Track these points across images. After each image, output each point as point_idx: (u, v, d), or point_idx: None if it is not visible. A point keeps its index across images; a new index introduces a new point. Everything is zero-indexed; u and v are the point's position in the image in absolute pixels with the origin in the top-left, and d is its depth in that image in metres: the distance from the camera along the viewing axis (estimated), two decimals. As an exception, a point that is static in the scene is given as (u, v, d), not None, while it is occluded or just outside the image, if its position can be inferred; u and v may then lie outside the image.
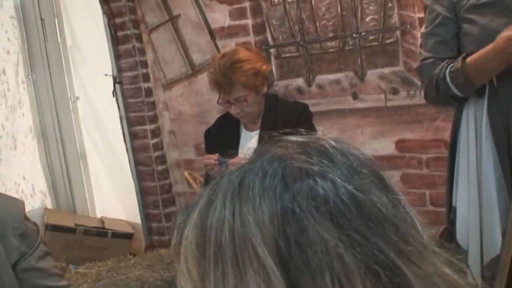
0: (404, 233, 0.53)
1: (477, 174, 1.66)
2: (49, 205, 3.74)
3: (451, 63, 1.67)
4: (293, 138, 0.59)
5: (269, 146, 0.59)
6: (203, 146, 2.86)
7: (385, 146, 2.74)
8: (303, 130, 0.63)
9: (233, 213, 0.54)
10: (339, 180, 0.54)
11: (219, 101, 2.33)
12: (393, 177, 2.68)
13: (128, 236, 3.53)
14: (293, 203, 0.52)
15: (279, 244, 0.51)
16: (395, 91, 2.70)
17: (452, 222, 1.74)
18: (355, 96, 2.81)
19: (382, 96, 2.75)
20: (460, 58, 1.65)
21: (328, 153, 0.56)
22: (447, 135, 1.84)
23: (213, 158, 2.27)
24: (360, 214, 0.52)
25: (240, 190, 0.55)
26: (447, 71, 1.66)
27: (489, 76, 1.62)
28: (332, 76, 2.85)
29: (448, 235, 1.71)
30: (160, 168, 3.41)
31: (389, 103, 2.73)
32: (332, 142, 0.58)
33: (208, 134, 2.56)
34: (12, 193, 3.25)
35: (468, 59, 1.63)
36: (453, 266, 0.56)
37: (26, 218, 1.47)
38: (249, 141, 2.45)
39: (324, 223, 0.52)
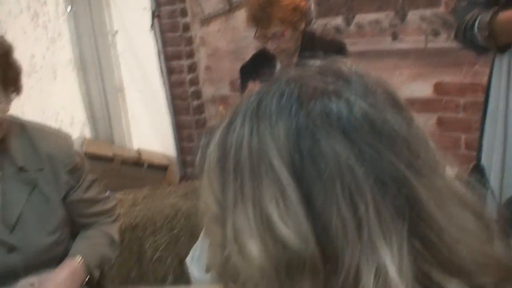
0: (415, 149, 0.55)
1: (504, 118, 1.68)
2: (88, 134, 3.84)
3: (482, 13, 1.64)
4: (311, 61, 0.62)
5: (287, 70, 0.61)
6: (238, 82, 2.89)
7: (423, 89, 2.71)
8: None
9: (251, 130, 0.57)
10: (353, 99, 0.56)
11: (256, 35, 2.33)
12: (430, 120, 2.67)
13: (163, 168, 3.62)
14: (308, 120, 0.55)
15: (294, 157, 0.54)
16: (435, 33, 2.64)
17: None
18: (394, 37, 2.76)
19: (423, 37, 2.70)
20: (491, 12, 1.62)
21: (344, 74, 0.58)
22: (485, 80, 1.83)
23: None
24: (372, 130, 0.54)
25: (258, 109, 0.58)
26: (476, 21, 1.64)
27: None
28: (372, 16, 2.80)
29: (478, 172, 1.74)
30: (195, 103, 3.45)
31: (429, 45, 2.68)
32: (348, 64, 0.60)
33: (243, 70, 2.58)
34: (51, 122, 3.35)
35: (500, 16, 1.60)
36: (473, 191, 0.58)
37: (74, 152, 1.51)
38: (285, 78, 2.45)
39: (337, 137, 0.54)
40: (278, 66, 2.47)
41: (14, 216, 1.38)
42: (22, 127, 1.45)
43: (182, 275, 2.72)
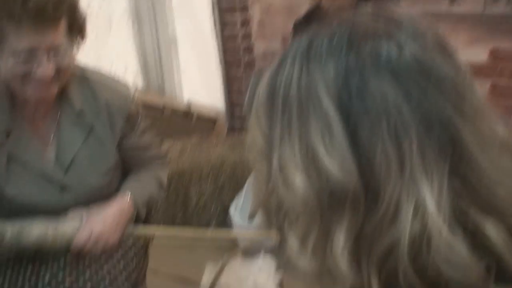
0: (462, 92, 0.56)
1: None
2: (140, 84, 3.92)
3: None
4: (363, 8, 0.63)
5: (338, 14, 0.62)
6: (290, 38, 2.89)
7: (478, 54, 2.65)
8: None
9: (301, 69, 0.59)
10: (404, 41, 0.57)
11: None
12: (483, 86, 2.62)
13: (212, 120, 3.67)
14: (357, 60, 0.56)
15: (342, 94, 0.56)
16: (495, -1, 2.57)
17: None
18: (452, 0, 2.70)
19: (481, 2, 2.63)
20: None
21: (395, 17, 0.59)
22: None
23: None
24: (421, 71, 0.55)
25: (308, 50, 0.59)
26: None
27: None
28: (431, -22, 2.74)
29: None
30: (247, 57, 3.47)
31: (488, 11, 2.61)
32: (401, 10, 0.61)
33: (297, 26, 2.57)
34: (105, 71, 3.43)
35: None
36: None
37: (131, 100, 1.53)
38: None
39: (385, 78, 0.55)
40: (332, 22, 2.46)
41: (69, 157, 1.42)
42: (83, 73, 1.47)
43: (225, 223, 2.80)
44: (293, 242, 0.59)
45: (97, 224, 1.41)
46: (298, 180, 0.56)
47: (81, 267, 1.39)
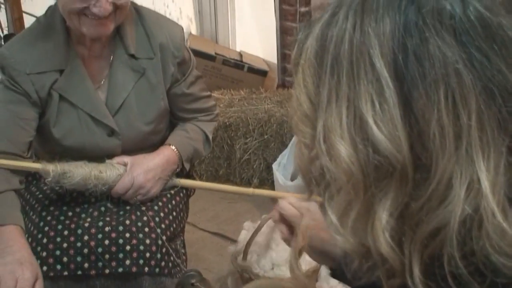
0: None
1: None
2: (193, 31, 3.88)
3: None
4: None
5: None
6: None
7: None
8: None
9: (354, 24, 0.54)
10: None
11: None
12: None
13: (263, 73, 3.61)
14: (417, 16, 0.51)
15: (397, 56, 0.51)
16: None
17: None
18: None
19: None
20: None
21: None
22: None
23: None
24: (485, 34, 0.50)
25: (364, 3, 0.54)
26: None
27: None
28: None
29: None
30: (303, 9, 3.35)
31: None
32: None
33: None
34: (161, 15, 3.40)
35: None
36: None
37: (185, 45, 1.50)
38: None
39: (446, 39, 0.50)
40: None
41: (119, 100, 1.42)
42: (139, 14, 1.45)
43: (267, 179, 2.78)
44: (332, 216, 0.56)
45: (140, 175, 1.42)
46: (343, 150, 0.52)
47: (121, 216, 1.40)
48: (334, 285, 1.95)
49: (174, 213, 1.50)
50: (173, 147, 1.49)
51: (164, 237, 1.40)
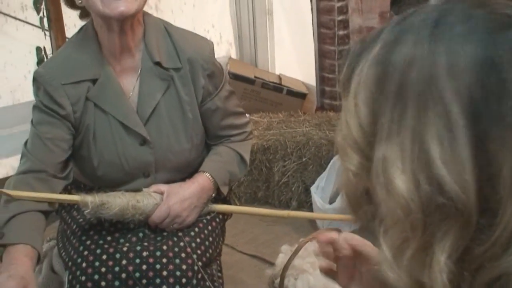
0: None
1: None
2: (233, 55, 3.93)
3: None
4: None
5: None
6: (388, 15, 2.75)
7: None
8: None
9: (425, 51, 0.50)
10: None
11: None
12: None
13: (302, 96, 3.63)
14: (496, 52, 0.48)
15: (473, 92, 0.47)
16: None
17: None
18: None
19: None
20: None
21: None
22: None
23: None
24: None
25: (436, 28, 0.51)
26: None
27: None
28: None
29: None
30: (341, 32, 3.36)
31: None
32: None
33: (395, 1, 2.44)
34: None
35: None
36: None
37: (214, 59, 1.52)
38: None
39: None
40: None
41: (149, 108, 1.44)
42: (166, 28, 1.48)
43: (306, 202, 2.77)
44: (387, 251, 0.52)
45: (176, 204, 1.44)
46: (403, 185, 0.49)
47: (158, 242, 1.42)
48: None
49: (211, 239, 1.51)
50: (207, 174, 1.50)
51: (200, 263, 1.41)
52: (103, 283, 1.36)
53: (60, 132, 1.41)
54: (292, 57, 3.86)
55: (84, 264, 1.38)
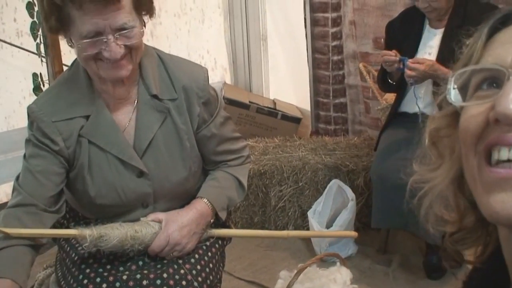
0: None
1: None
2: (228, 80, 3.96)
3: None
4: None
5: None
6: (382, 40, 2.78)
7: None
8: None
9: None
10: None
11: (407, -8, 2.21)
12: None
13: (296, 120, 3.64)
14: None
15: None
16: None
17: None
18: None
19: None
20: None
21: None
22: None
23: (392, 54, 2.21)
24: None
25: None
26: None
27: None
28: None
29: None
30: (336, 58, 3.40)
31: None
32: None
33: (390, 26, 2.47)
34: (197, 65, 3.49)
35: None
36: None
37: (209, 85, 1.50)
38: (431, 39, 2.33)
39: None
40: (427, 26, 2.35)
41: (146, 141, 1.43)
42: (160, 57, 1.48)
43: (302, 227, 2.76)
44: None
45: (175, 232, 1.42)
46: None
47: (159, 270, 1.40)
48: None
49: (211, 265, 1.49)
50: (205, 200, 1.49)
51: None
52: None
53: (52, 166, 1.40)
54: (287, 82, 3.88)
55: None
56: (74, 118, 1.41)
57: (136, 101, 1.45)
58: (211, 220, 1.51)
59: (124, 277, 1.38)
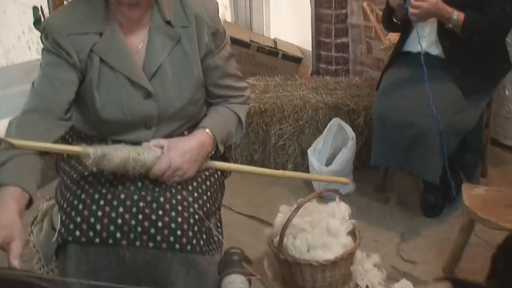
0: None
1: None
2: (228, 18, 3.91)
3: None
4: None
5: None
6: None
7: None
8: None
9: None
10: None
11: None
12: None
13: (297, 60, 3.62)
14: None
15: None
16: None
17: None
18: None
19: None
20: None
21: None
22: None
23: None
24: None
25: None
26: None
27: None
28: None
29: None
30: (338, -4, 3.35)
31: None
32: None
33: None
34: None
35: None
36: None
37: (219, 18, 1.54)
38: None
39: None
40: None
41: (155, 65, 1.47)
42: None
43: (301, 165, 2.79)
44: None
45: (176, 157, 1.45)
46: None
47: (156, 193, 1.44)
48: (369, 268, 1.97)
49: (209, 193, 1.53)
50: (208, 130, 1.52)
51: (197, 216, 1.43)
52: (98, 227, 1.38)
53: (68, 74, 1.44)
54: (288, 21, 3.83)
55: (80, 206, 1.40)
56: (88, 34, 1.45)
57: (149, 26, 1.48)
58: (212, 151, 1.54)
59: (122, 196, 1.42)
